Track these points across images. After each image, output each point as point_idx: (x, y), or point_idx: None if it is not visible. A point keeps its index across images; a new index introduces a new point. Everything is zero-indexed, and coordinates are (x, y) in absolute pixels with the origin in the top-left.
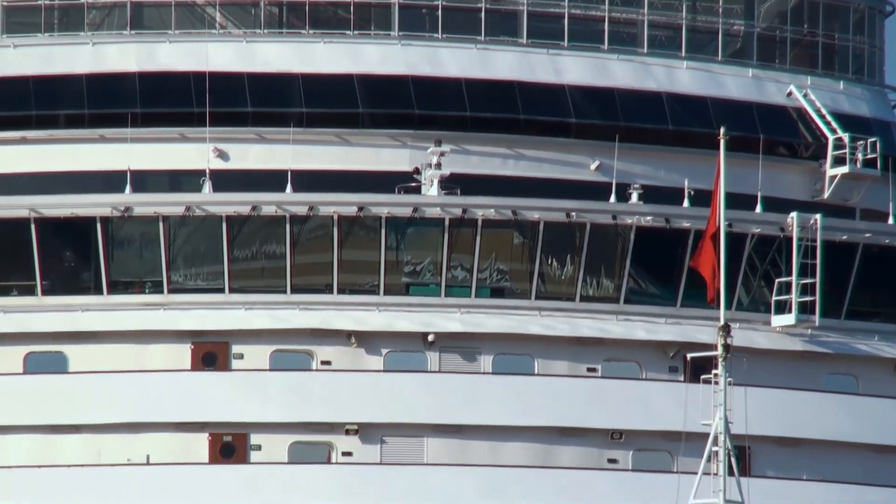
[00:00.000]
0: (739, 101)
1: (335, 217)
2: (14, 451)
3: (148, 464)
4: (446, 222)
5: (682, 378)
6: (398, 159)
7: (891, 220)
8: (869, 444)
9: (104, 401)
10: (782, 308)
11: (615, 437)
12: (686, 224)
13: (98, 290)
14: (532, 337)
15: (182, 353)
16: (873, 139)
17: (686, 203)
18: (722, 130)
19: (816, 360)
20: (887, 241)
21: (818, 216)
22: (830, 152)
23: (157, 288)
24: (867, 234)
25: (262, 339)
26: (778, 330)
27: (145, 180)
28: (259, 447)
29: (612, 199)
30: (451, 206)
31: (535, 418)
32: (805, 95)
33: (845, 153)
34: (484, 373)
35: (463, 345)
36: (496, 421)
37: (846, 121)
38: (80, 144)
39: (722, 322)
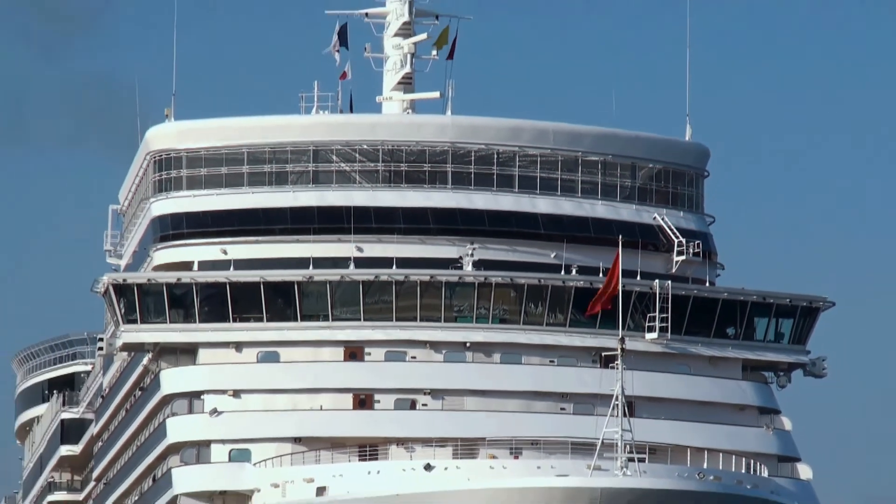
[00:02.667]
0: (629, 222)
1: (418, 281)
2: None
3: (322, 409)
4: (476, 284)
5: (598, 366)
6: (450, 251)
7: (707, 285)
8: (693, 401)
9: (302, 374)
10: (651, 329)
11: (564, 397)
12: (600, 286)
13: (295, 318)
14: (520, 344)
15: (338, 353)
16: (697, 241)
17: (600, 275)
18: (620, 238)
19: (667, 356)
20: (706, 294)
21: (668, 283)
22: (675, 249)
23: (324, 317)
24: (694, 291)
25: (381, 346)
26: (648, 340)
27: (320, 263)
28: (379, 401)
29: (563, 272)
30: (478, 276)
31: (523, 386)
32: (662, 219)
33: (683, 249)
34: (496, 363)
35: (484, 348)
36: (502, 388)
37: (683, 232)
38: (285, 245)
39: (620, 336)
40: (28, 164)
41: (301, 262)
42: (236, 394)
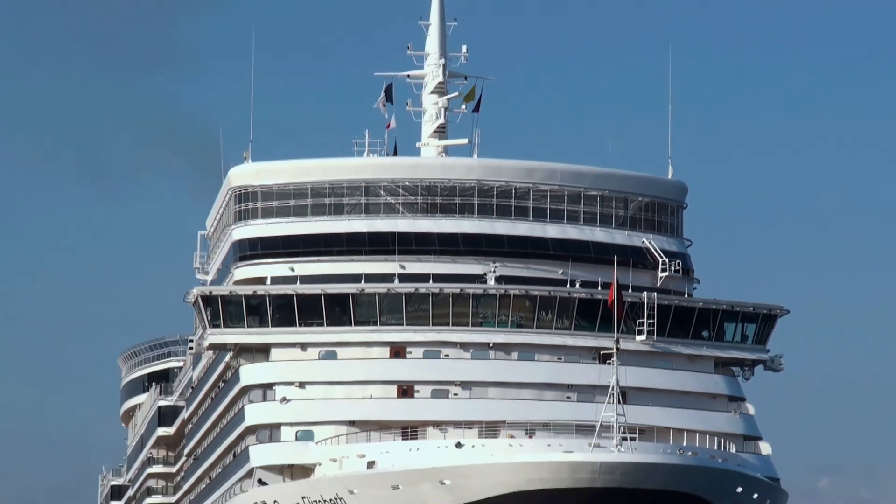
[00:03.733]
0: (622, 245)
1: (451, 293)
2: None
3: (371, 398)
4: (497, 295)
5: (597, 362)
6: (476, 269)
7: (686, 296)
8: (675, 390)
9: (355, 369)
10: (640, 332)
11: (570, 388)
12: (599, 297)
13: (350, 324)
14: (534, 345)
15: (385, 352)
16: (678, 261)
17: (599, 287)
18: (615, 258)
19: (654, 354)
20: (685, 304)
21: (655, 294)
22: (660, 267)
23: (374, 323)
24: (676, 302)
25: (420, 346)
26: (638, 341)
27: (370, 278)
28: (418, 391)
29: (568, 286)
30: (499, 289)
31: (536, 379)
32: (649, 243)
33: (667, 267)
34: (514, 360)
35: (504, 348)
36: (519, 380)
37: (666, 253)
38: (342, 263)
39: (615, 338)
40: (128, 194)
41: (354, 278)
42: (302, 385)
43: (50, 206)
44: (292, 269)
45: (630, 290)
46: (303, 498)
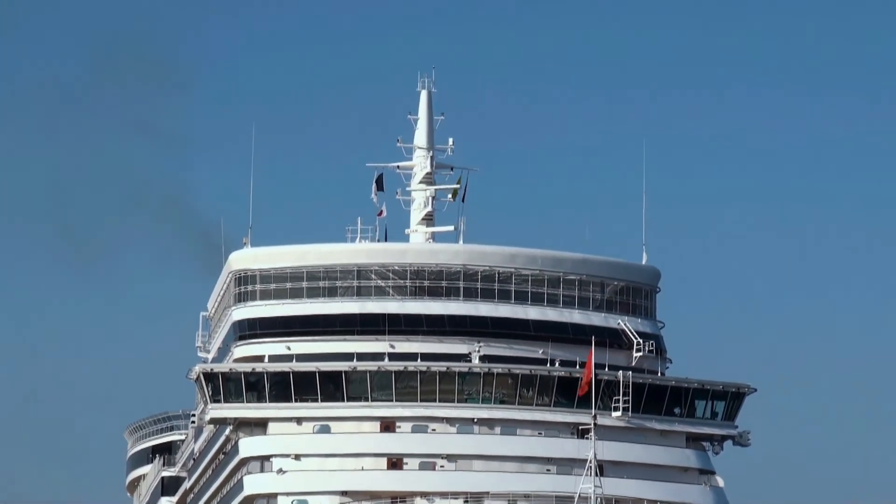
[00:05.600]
0: (599, 326)
1: (437, 371)
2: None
3: (363, 469)
4: (482, 373)
5: (576, 437)
6: (461, 348)
7: (659, 375)
8: (649, 464)
9: (348, 443)
10: (616, 409)
11: (550, 461)
12: (577, 375)
13: (343, 399)
14: (516, 420)
15: (375, 426)
16: (651, 341)
17: (577, 367)
18: (593, 339)
19: (629, 430)
20: (658, 382)
21: (630, 373)
22: (635, 347)
23: (365, 399)
24: (649, 380)
25: (409, 421)
26: (614, 417)
27: (362, 357)
28: (407, 463)
29: (548, 365)
30: (483, 367)
31: (518, 452)
32: (625, 324)
33: (641, 347)
34: (497, 434)
35: (488, 423)
36: (502, 453)
37: (640, 335)
38: (335, 342)
39: (593, 414)
40: (129, 275)
41: (347, 356)
42: (297, 457)
43: (55, 287)
44: (289, 348)
45: (606, 369)
46: None
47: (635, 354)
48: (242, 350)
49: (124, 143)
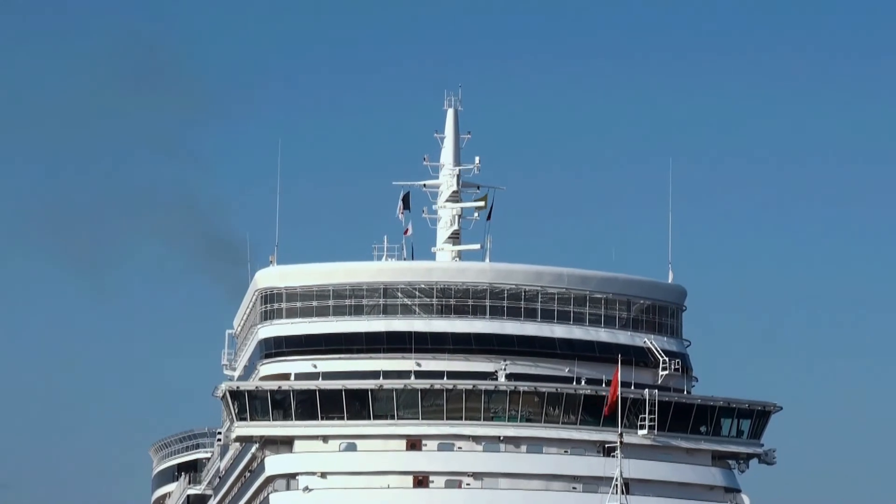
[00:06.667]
0: (625, 345)
1: (464, 389)
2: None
3: (389, 487)
4: (508, 392)
5: (602, 455)
6: (487, 366)
7: (685, 393)
8: (675, 482)
9: (374, 460)
10: (642, 427)
11: (576, 479)
12: (603, 394)
13: (369, 417)
14: (542, 438)
15: (401, 444)
16: (678, 360)
17: (603, 385)
18: (619, 357)
19: (655, 448)
20: (684, 400)
21: (656, 391)
22: (661, 366)
23: (391, 417)
24: (675, 398)
25: (434, 439)
26: (640, 436)
27: (388, 375)
28: (433, 482)
29: (574, 383)
30: (509, 385)
31: (544, 470)
32: (651, 343)
33: (667, 366)
34: (523, 452)
35: (514, 441)
36: (528, 471)
37: (666, 353)
38: (361, 360)
39: (619, 432)
40: (156, 292)
41: (373, 374)
42: (324, 475)
43: (76, 304)
44: (315, 366)
45: (632, 388)
46: None
47: (661, 373)
48: (268, 368)
49: (150, 160)
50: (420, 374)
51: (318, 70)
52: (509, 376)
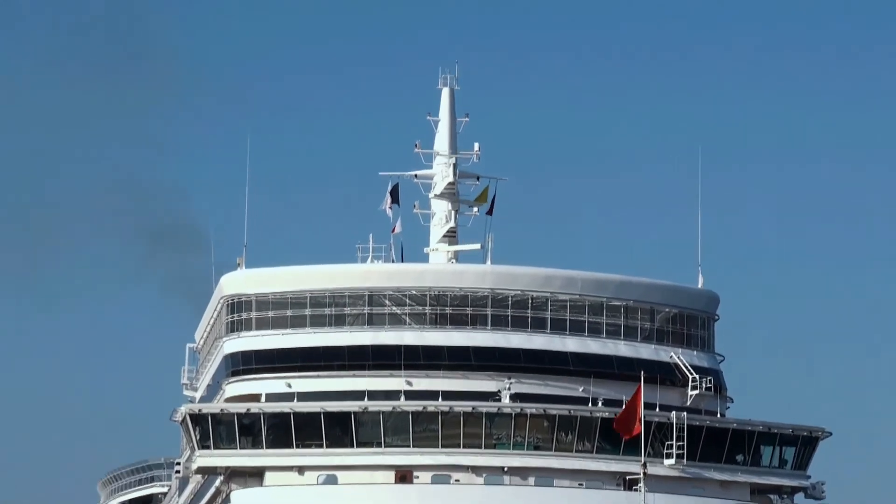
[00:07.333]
0: (648, 360)
1: (462, 412)
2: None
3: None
4: (513, 414)
5: (622, 489)
6: (489, 385)
7: (718, 416)
8: None
9: (358, 496)
10: (669, 456)
11: None
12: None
13: (351, 445)
14: (553, 469)
15: (390, 476)
16: (709, 377)
17: (623, 406)
18: (641, 374)
19: (684, 480)
20: (717, 425)
21: (684, 414)
22: (690, 384)
23: (378, 444)
24: (707, 422)
25: (428, 470)
26: (667, 466)
27: (374, 395)
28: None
29: (590, 404)
30: (514, 408)
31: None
32: (678, 358)
33: (697, 384)
34: (531, 485)
35: (520, 472)
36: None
37: (697, 370)
38: (343, 379)
39: (643, 462)
40: (102, 299)
41: (357, 395)
42: None
43: (13, 310)
44: (289, 386)
45: (657, 410)
46: None
47: (690, 392)
48: (235, 388)
49: (108, 147)
50: (411, 395)
51: (293, 45)
52: (514, 397)
